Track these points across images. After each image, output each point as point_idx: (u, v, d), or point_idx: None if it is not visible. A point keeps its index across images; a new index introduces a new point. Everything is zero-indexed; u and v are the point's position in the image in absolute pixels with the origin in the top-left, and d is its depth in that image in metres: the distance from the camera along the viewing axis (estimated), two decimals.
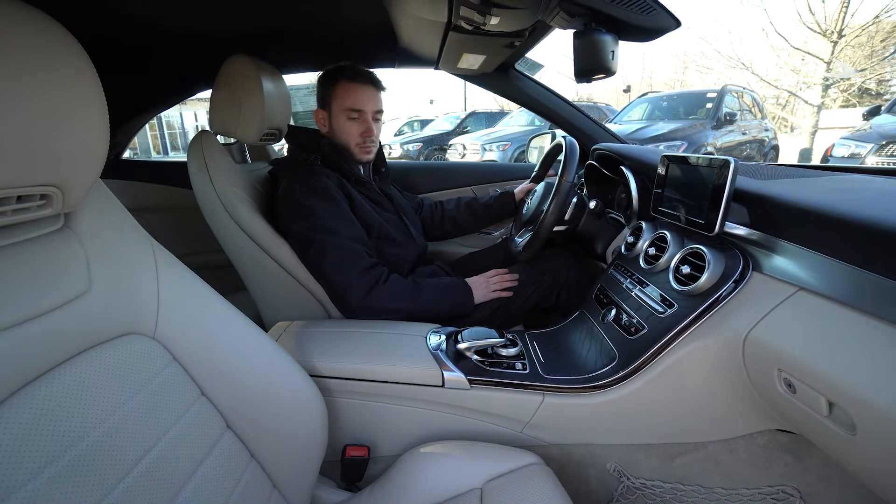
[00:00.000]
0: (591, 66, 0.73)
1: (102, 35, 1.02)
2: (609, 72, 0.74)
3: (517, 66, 1.38)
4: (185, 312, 0.60)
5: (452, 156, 7.31)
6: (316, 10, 0.99)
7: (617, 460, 0.81)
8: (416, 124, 10.94)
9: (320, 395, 0.73)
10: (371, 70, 1.14)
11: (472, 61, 1.19)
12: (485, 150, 6.69)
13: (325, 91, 1.13)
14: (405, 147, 8.32)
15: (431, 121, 10.27)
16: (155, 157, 15.28)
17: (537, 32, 0.96)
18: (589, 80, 0.79)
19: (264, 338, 0.69)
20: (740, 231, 0.71)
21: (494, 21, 0.77)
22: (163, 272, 0.60)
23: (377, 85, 1.13)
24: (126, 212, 0.61)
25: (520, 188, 1.44)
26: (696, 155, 0.79)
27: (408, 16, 0.95)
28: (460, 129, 8.51)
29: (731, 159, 0.69)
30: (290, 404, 0.68)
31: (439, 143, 8.20)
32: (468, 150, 6.95)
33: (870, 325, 0.48)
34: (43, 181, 0.45)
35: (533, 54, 1.31)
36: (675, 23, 0.71)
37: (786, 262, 0.63)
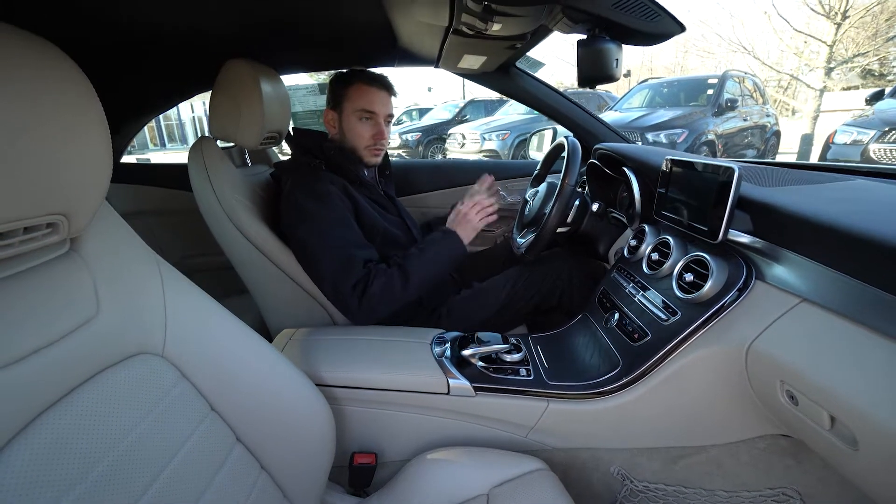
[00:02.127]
0: (595, 74, 0.72)
1: (101, 39, 1.01)
2: (613, 79, 0.74)
3: (518, 63, 1.37)
4: (193, 328, 0.60)
5: (452, 145, 7.25)
6: (315, 12, 0.98)
7: (620, 464, 0.82)
8: (414, 113, 10.84)
9: (327, 404, 0.73)
10: (384, 75, 1.15)
11: (472, 62, 1.18)
12: (484, 139, 6.63)
13: (337, 92, 1.13)
14: (404, 137, 8.23)
15: (430, 109, 10.17)
16: (152, 148, 15.20)
17: (539, 34, 0.95)
18: (593, 86, 0.79)
19: (271, 350, 0.70)
20: (743, 239, 0.71)
21: (496, 27, 0.76)
22: (169, 289, 0.60)
23: (390, 90, 1.14)
24: (130, 230, 0.61)
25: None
26: (700, 159, 0.79)
27: (408, 18, 0.93)
28: (459, 118, 8.43)
29: (736, 167, 0.68)
30: (298, 415, 0.69)
31: (438, 132, 8.11)
32: (468, 139, 6.89)
33: (871, 340, 0.49)
34: (49, 210, 0.44)
35: (534, 50, 1.29)
36: (680, 27, 0.71)
37: (789, 271, 0.63)
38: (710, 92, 5.68)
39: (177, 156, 13.33)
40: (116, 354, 0.52)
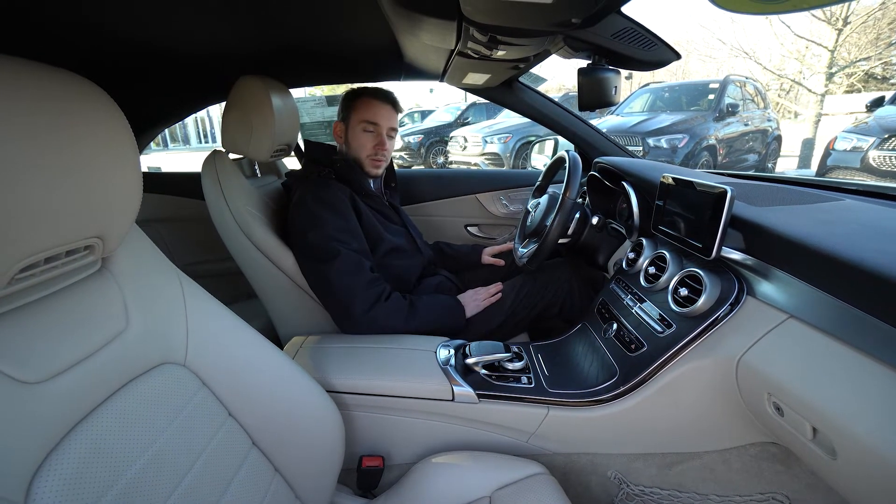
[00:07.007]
0: (595, 100, 0.76)
1: (122, 59, 1.05)
2: (611, 104, 0.78)
3: (521, 77, 1.40)
4: (212, 339, 0.64)
5: (454, 148, 7.26)
6: (325, 34, 1.02)
7: (617, 468, 0.86)
8: (416, 115, 10.86)
9: (337, 410, 0.77)
10: (391, 91, 1.20)
11: (476, 78, 1.22)
12: (486, 142, 6.64)
13: (346, 105, 1.19)
14: (406, 139, 8.25)
15: (432, 111, 10.19)
16: (155, 149, 15.24)
17: (541, 55, 0.99)
18: (592, 110, 0.82)
19: (284, 358, 0.73)
20: (736, 256, 0.75)
21: (501, 53, 0.80)
22: (190, 301, 0.64)
23: (395, 105, 1.20)
24: (153, 245, 0.65)
25: (490, 249, 1.46)
26: (696, 178, 0.82)
27: (415, 41, 0.97)
28: (461, 121, 8.44)
29: (729, 189, 0.72)
30: (310, 419, 0.73)
31: (440, 135, 8.12)
32: (469, 142, 6.91)
33: (852, 357, 0.52)
34: (88, 234, 0.48)
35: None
36: (675, 55, 0.74)
37: (777, 289, 0.66)
38: (711, 97, 5.70)
39: (179, 155, 13.36)
40: (144, 364, 0.55)
